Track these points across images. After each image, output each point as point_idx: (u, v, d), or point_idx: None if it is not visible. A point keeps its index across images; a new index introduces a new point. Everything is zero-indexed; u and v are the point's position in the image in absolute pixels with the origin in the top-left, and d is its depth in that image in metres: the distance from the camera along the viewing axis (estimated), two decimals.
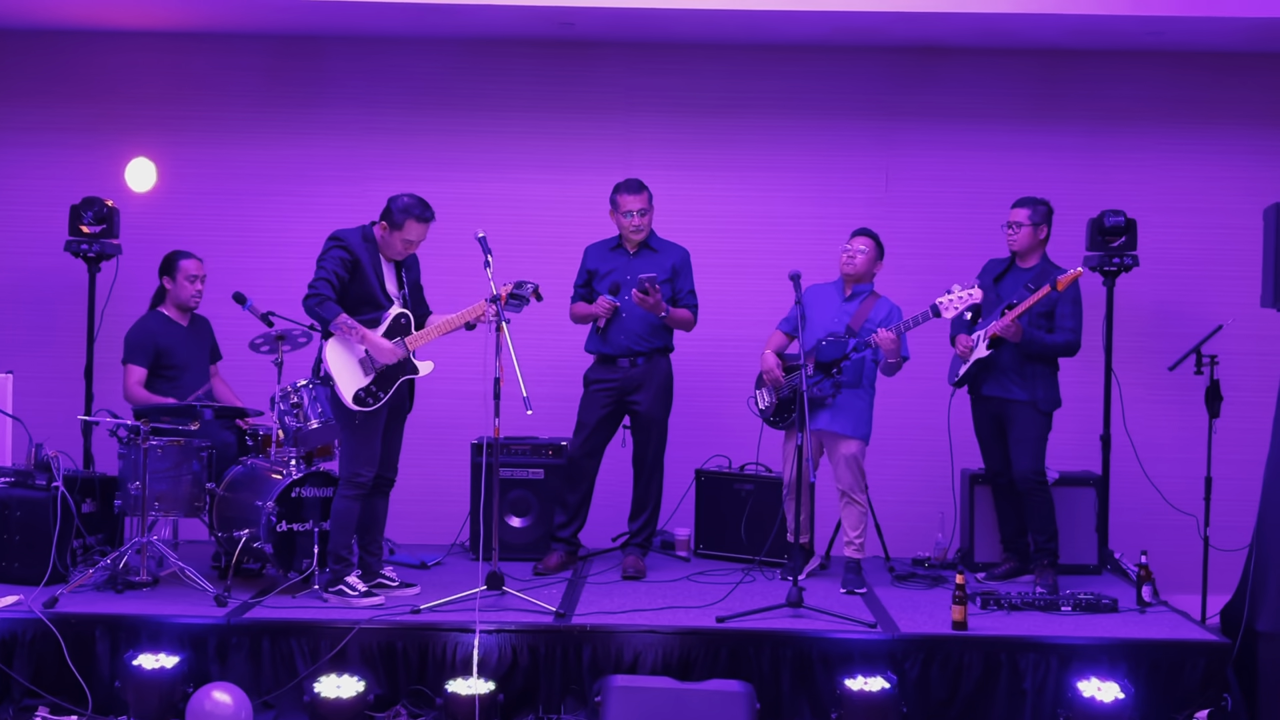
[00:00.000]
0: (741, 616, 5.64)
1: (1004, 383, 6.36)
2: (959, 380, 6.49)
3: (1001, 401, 6.38)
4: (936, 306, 6.10)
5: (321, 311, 5.68)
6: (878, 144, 7.75)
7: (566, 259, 6.83)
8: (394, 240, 5.81)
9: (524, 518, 6.92)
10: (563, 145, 7.76)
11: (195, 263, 6.72)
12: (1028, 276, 6.36)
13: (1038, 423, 6.35)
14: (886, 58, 7.71)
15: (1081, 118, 7.70)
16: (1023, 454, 6.34)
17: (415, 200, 5.79)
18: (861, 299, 6.51)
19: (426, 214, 5.80)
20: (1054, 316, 6.29)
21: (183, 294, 6.68)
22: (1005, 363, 6.33)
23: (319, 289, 5.68)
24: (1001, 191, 7.52)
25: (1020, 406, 6.34)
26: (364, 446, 5.82)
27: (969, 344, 6.40)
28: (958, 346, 6.46)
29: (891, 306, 6.50)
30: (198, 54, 7.77)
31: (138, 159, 7.74)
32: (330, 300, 5.68)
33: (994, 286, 6.46)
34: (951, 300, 6.09)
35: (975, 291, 6.09)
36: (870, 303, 6.51)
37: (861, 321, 6.43)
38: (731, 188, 7.75)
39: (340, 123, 7.79)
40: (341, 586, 5.84)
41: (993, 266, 6.59)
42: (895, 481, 7.30)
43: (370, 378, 5.77)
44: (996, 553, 6.76)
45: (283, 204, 7.75)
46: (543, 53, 7.75)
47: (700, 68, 7.76)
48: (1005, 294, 6.38)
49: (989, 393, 6.41)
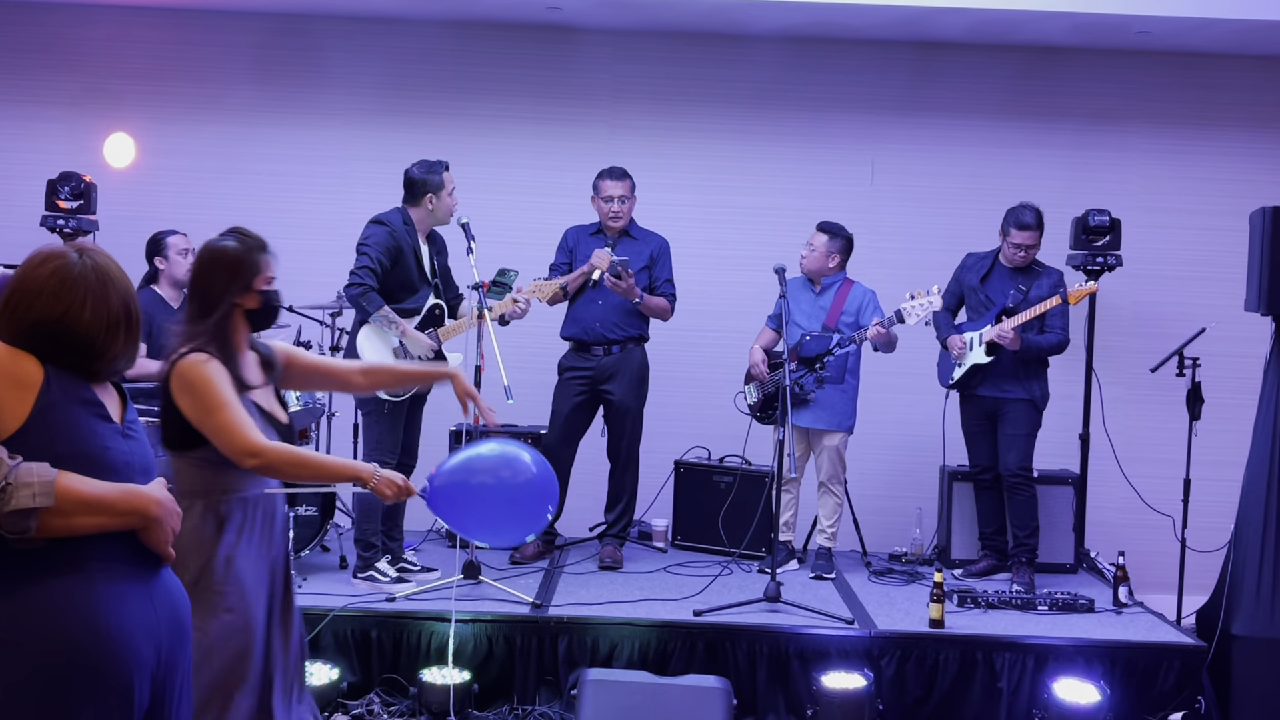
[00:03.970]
0: (719, 610, 5.61)
1: (1000, 384, 6.34)
2: (954, 383, 6.47)
3: (996, 400, 6.37)
4: (900, 313, 6.14)
5: (365, 303, 5.68)
6: (863, 137, 7.71)
7: (549, 245, 6.75)
8: (446, 202, 5.91)
9: None
10: (547, 131, 7.71)
11: (182, 237, 6.65)
12: (1018, 278, 6.33)
13: (1031, 419, 6.35)
14: (874, 51, 7.68)
15: (1068, 116, 7.68)
16: (1013, 449, 6.34)
17: (431, 160, 5.93)
18: (834, 289, 6.53)
19: (444, 162, 5.94)
20: (1044, 317, 6.28)
21: (177, 270, 6.59)
22: (1002, 366, 6.31)
23: (363, 278, 5.69)
24: (987, 188, 7.56)
25: (1015, 404, 6.33)
26: (389, 435, 5.86)
27: (962, 345, 6.37)
28: (950, 348, 6.44)
29: (865, 292, 6.51)
30: (185, 29, 7.67)
31: (116, 134, 7.66)
32: (374, 290, 5.70)
33: (980, 287, 6.43)
34: (914, 307, 6.11)
35: (934, 299, 6.10)
36: (844, 292, 6.52)
37: (837, 314, 6.45)
38: (715, 178, 7.70)
39: (326, 103, 7.72)
40: (372, 572, 5.87)
41: (975, 263, 6.54)
42: (873, 477, 7.28)
43: None
44: (973, 550, 6.74)
45: (263, 184, 7.66)
46: (529, 37, 7.68)
47: (686, 57, 7.71)
48: (995, 295, 6.36)
49: (984, 392, 6.39)
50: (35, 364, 2.55)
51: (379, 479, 3.41)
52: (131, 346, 2.69)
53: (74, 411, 2.57)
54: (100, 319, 2.61)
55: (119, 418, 2.68)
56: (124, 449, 2.65)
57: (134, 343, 2.69)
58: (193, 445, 3.33)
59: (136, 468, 2.67)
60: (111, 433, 2.63)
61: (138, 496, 2.58)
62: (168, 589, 2.71)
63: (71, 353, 2.60)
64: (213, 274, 3.43)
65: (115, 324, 2.64)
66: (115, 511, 2.54)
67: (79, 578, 2.53)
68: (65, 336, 2.58)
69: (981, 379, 6.37)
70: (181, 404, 3.31)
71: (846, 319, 6.46)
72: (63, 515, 2.45)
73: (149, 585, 2.65)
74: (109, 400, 2.69)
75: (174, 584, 2.76)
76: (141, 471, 2.68)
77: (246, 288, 3.45)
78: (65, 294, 2.58)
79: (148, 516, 2.59)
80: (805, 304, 6.54)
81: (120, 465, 2.62)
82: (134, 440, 2.70)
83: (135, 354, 2.72)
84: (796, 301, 6.52)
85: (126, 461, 2.64)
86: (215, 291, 3.41)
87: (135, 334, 2.68)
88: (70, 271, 2.60)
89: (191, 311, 3.45)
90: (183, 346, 3.37)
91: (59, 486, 2.43)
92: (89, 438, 2.58)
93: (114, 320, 2.63)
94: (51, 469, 2.43)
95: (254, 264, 3.46)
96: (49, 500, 2.41)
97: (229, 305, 3.42)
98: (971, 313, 6.47)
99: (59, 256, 2.62)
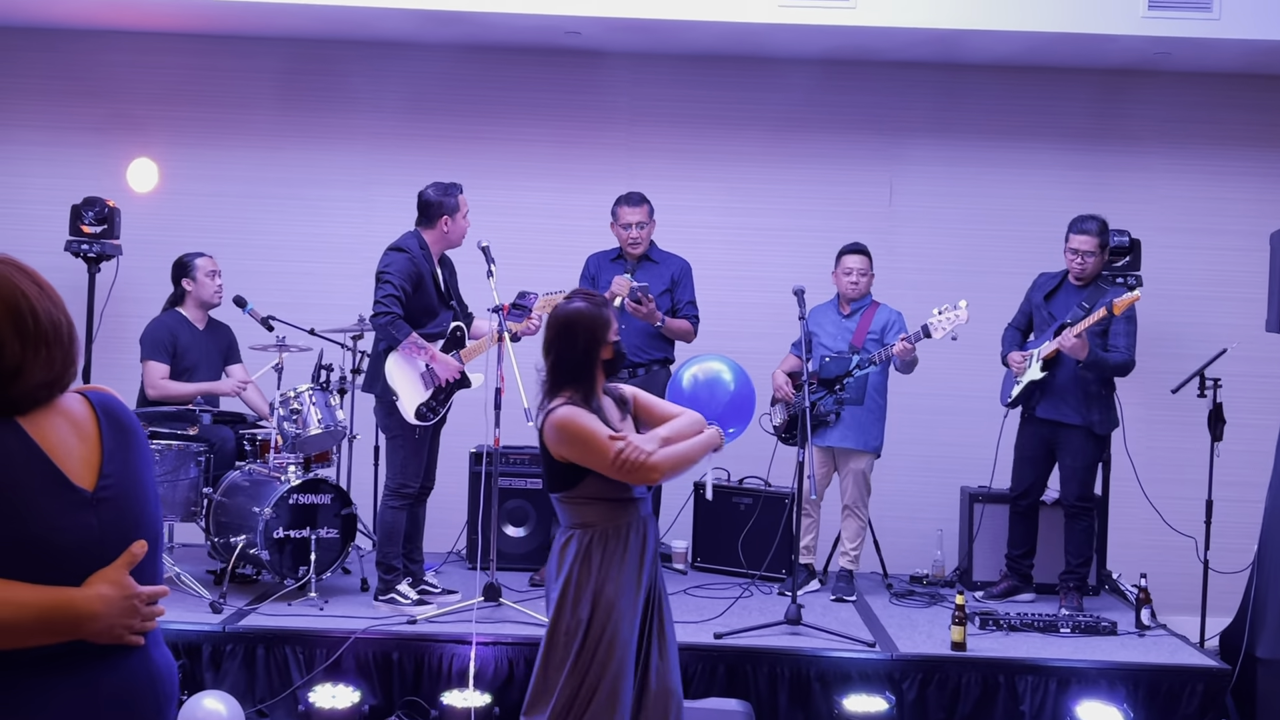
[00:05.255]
0: (740, 633, 5.59)
1: (1059, 405, 6.28)
2: (1012, 400, 6.43)
3: (1055, 426, 6.31)
4: (927, 328, 6.14)
5: (394, 331, 5.68)
6: (882, 158, 7.71)
7: (569, 268, 6.77)
8: (461, 225, 5.92)
9: (522, 527, 6.88)
10: (567, 154, 7.72)
11: (209, 259, 6.69)
12: (1081, 295, 6.27)
13: (1091, 449, 6.31)
14: (892, 72, 7.67)
15: (1088, 136, 7.66)
16: (1073, 480, 6.30)
17: (446, 182, 5.94)
18: (861, 312, 6.54)
19: (459, 185, 5.97)
20: (1109, 335, 6.20)
21: (205, 292, 6.63)
22: (1061, 384, 6.25)
23: (390, 306, 5.69)
24: (1006, 208, 7.56)
25: (1074, 432, 6.26)
26: (414, 458, 5.88)
27: (1021, 360, 6.35)
28: (1010, 364, 6.42)
29: (890, 313, 6.53)
30: (209, 55, 7.72)
31: (140, 159, 7.69)
32: (401, 318, 5.70)
33: (1045, 304, 6.40)
34: (941, 321, 6.10)
35: (961, 313, 6.09)
36: (869, 314, 6.54)
37: (864, 335, 6.45)
38: (734, 200, 7.70)
39: (346, 127, 7.75)
40: (393, 595, 5.87)
41: (1045, 281, 6.49)
42: (893, 498, 7.24)
43: (430, 392, 5.81)
44: (995, 572, 6.71)
45: (285, 207, 7.70)
46: (549, 61, 7.71)
47: (705, 80, 7.72)
48: (1058, 312, 6.31)
49: (1043, 415, 6.34)
50: None
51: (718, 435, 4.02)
52: (41, 351, 2.16)
53: (17, 483, 2.08)
54: None
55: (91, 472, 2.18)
56: (88, 524, 2.14)
57: (45, 346, 2.17)
58: (570, 485, 3.78)
59: (108, 542, 2.16)
60: (70, 506, 2.13)
61: (64, 614, 2.08)
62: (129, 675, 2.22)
63: None
64: (572, 335, 3.82)
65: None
66: (33, 634, 2.06)
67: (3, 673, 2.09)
68: None
69: (1039, 398, 6.32)
70: (564, 453, 3.73)
71: (872, 339, 6.46)
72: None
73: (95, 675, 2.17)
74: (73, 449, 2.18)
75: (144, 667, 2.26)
76: (116, 545, 2.17)
77: (604, 343, 3.84)
78: None
79: (80, 633, 2.11)
80: (831, 326, 6.56)
81: (79, 548, 2.12)
82: (107, 503, 2.18)
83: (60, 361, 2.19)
84: (822, 324, 6.55)
85: (90, 540, 2.14)
86: (578, 350, 3.81)
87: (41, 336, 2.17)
88: None
89: (551, 367, 3.85)
90: (551, 402, 3.80)
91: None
92: (33, 522, 2.08)
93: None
94: None
95: (606, 321, 3.86)
96: None
97: (593, 361, 3.81)
98: (1036, 330, 6.44)
99: None
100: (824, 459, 6.51)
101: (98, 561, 2.13)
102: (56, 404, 2.20)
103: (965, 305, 6.12)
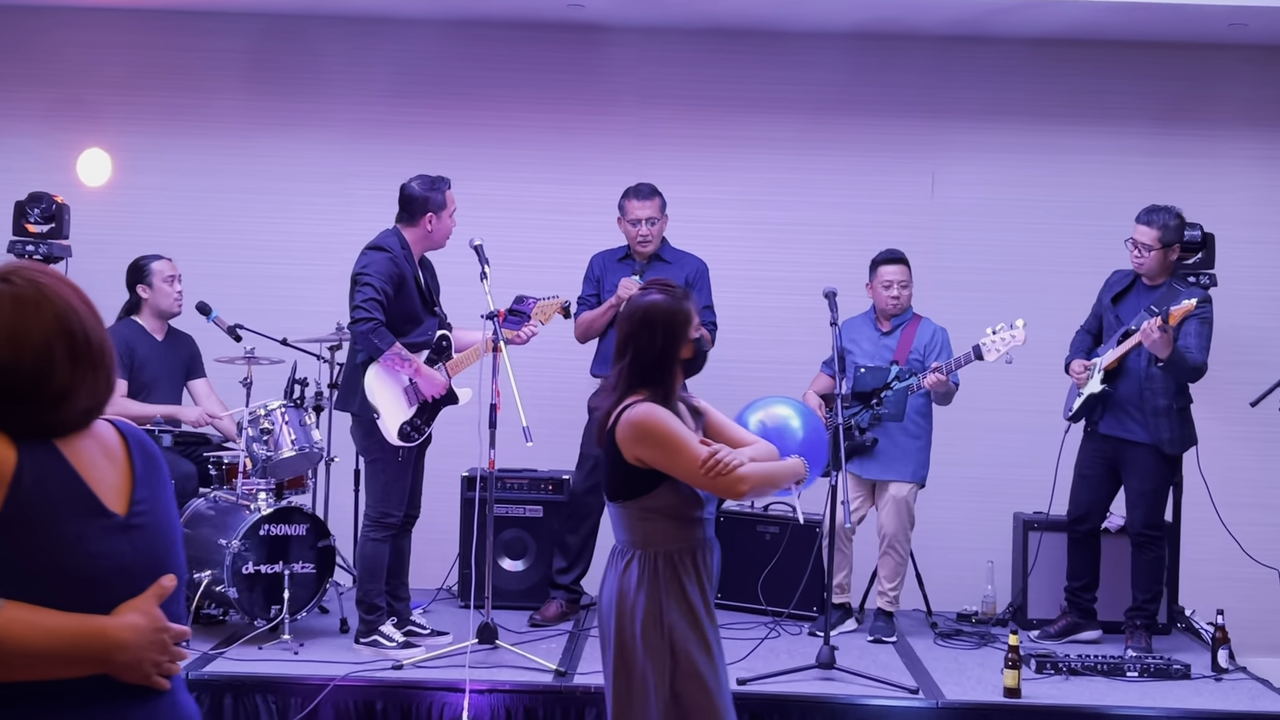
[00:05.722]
0: (767, 678, 5.55)
1: (1123, 421, 6.23)
2: (1073, 414, 6.39)
3: (1119, 443, 6.26)
4: (979, 348, 6.15)
5: (376, 340, 5.64)
6: (923, 144, 7.68)
7: (570, 269, 6.76)
8: (446, 224, 5.90)
9: (520, 560, 6.86)
10: (568, 142, 7.71)
11: (167, 263, 6.67)
12: (1151, 297, 6.22)
13: (1160, 470, 6.26)
14: (931, 47, 7.65)
15: (1155, 118, 7.63)
16: (1139, 506, 6.25)
17: (433, 176, 5.91)
18: (902, 328, 6.52)
19: (447, 179, 5.94)
20: (1179, 335, 6.07)
21: (164, 300, 6.59)
22: (1124, 397, 6.21)
23: (371, 311, 5.64)
24: (1064, 200, 7.51)
25: (1141, 450, 6.21)
26: (397, 484, 5.86)
27: (1082, 369, 6.29)
28: (1071, 373, 6.36)
29: (935, 329, 6.50)
30: (168, 33, 7.71)
31: (91, 150, 7.69)
32: (384, 325, 5.66)
33: (1112, 306, 6.36)
34: (994, 342, 6.11)
35: (1019, 333, 6.09)
36: (911, 329, 6.50)
37: (906, 352, 6.42)
38: (756, 192, 7.67)
39: (323, 114, 7.74)
40: (376, 637, 5.84)
41: (1117, 280, 6.44)
42: (938, 526, 7.17)
43: (414, 409, 5.79)
44: (1053, 608, 6.64)
45: (255, 203, 7.69)
46: (548, 38, 7.69)
47: (722, 56, 7.70)
48: (1125, 315, 6.27)
49: (1106, 431, 6.29)
50: (5, 444, 2.22)
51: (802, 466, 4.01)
52: (89, 374, 2.34)
53: (52, 511, 2.22)
54: (23, 351, 2.26)
55: (124, 498, 2.34)
56: (120, 550, 2.29)
57: (91, 369, 2.34)
58: (639, 494, 3.80)
59: (139, 571, 2.32)
60: (104, 532, 2.28)
61: (96, 643, 2.21)
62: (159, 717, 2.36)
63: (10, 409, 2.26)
64: (650, 330, 3.84)
65: (47, 353, 2.28)
66: (61, 663, 2.20)
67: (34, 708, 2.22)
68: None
69: (1102, 412, 6.27)
70: (640, 454, 3.75)
71: (915, 359, 6.41)
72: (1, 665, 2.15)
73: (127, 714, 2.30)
74: (105, 474, 2.34)
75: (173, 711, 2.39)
76: (148, 574, 2.32)
77: (684, 339, 3.86)
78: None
79: (109, 664, 2.23)
80: (868, 344, 6.53)
81: (111, 576, 2.27)
82: (140, 530, 2.34)
83: (103, 384, 2.38)
84: (857, 341, 6.54)
85: (122, 568, 2.29)
86: (656, 347, 3.83)
87: (90, 358, 2.33)
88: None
89: (628, 364, 3.86)
90: (626, 399, 3.82)
91: None
92: (69, 546, 2.23)
93: (44, 348, 2.27)
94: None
95: (687, 315, 3.88)
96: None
97: (672, 358, 3.84)
98: (1105, 335, 6.40)
99: None
100: (860, 486, 6.45)
101: (127, 591, 2.28)
102: (90, 427, 2.40)
103: (1023, 325, 6.12)
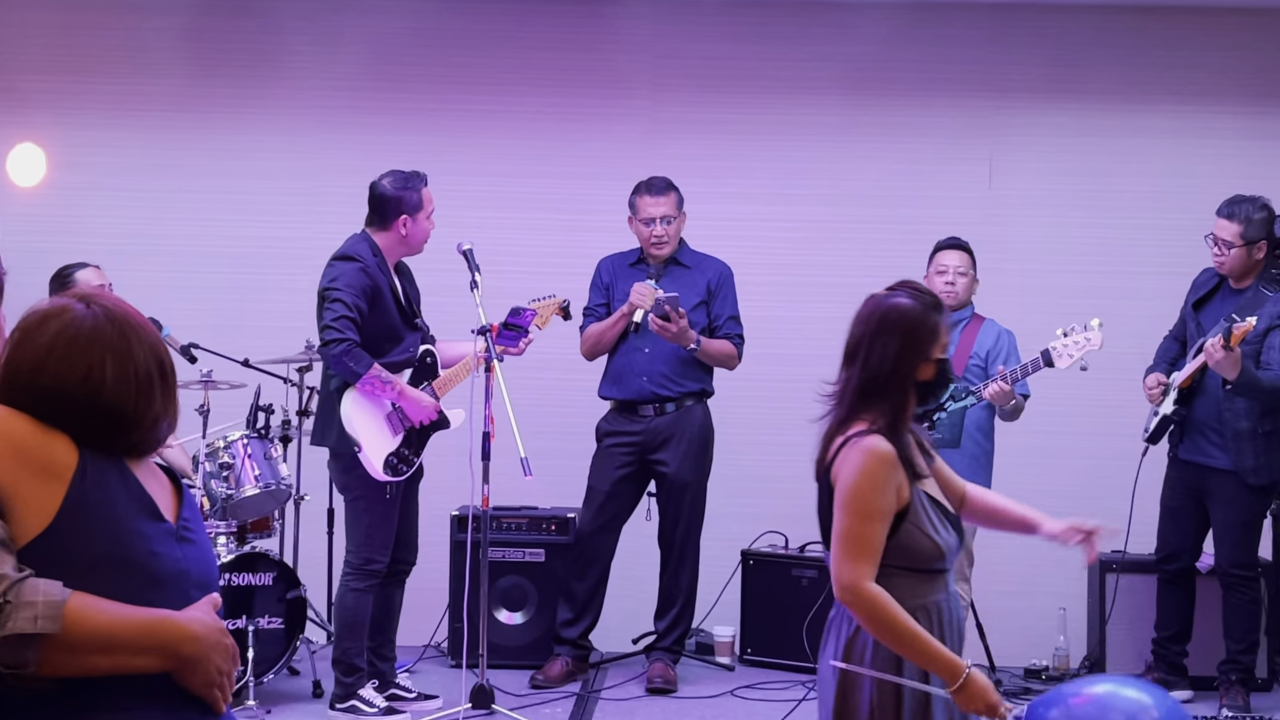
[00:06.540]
0: None
1: (1201, 445, 6.32)
2: (1149, 434, 6.45)
3: (1200, 470, 6.34)
4: (1049, 353, 6.10)
5: (351, 363, 5.67)
6: (980, 127, 7.72)
7: (575, 276, 6.82)
8: (423, 226, 5.95)
9: (519, 612, 6.91)
10: (571, 130, 7.74)
11: (94, 271, 6.62)
12: (1235, 302, 6.30)
13: (1248, 501, 6.31)
14: (989, 16, 7.69)
15: (1246, 94, 7.64)
16: (1225, 541, 6.32)
17: (407, 172, 5.95)
18: (961, 328, 6.45)
19: (423, 175, 5.97)
20: (1261, 350, 6.18)
21: None
22: (1201, 419, 6.30)
23: (344, 331, 5.67)
24: (1142, 190, 7.49)
25: (1223, 478, 6.29)
26: (382, 525, 5.88)
27: (1154, 386, 6.38)
28: (1145, 388, 6.46)
29: (1000, 331, 6.48)
30: (107, 9, 7.74)
31: (23, 145, 7.72)
32: (359, 346, 5.69)
33: (1194, 314, 6.44)
34: (1066, 346, 6.07)
35: (1094, 335, 6.05)
36: (973, 331, 6.47)
37: (964, 359, 6.38)
38: (787, 185, 7.71)
39: (287, 100, 7.76)
40: (355, 702, 5.86)
41: (1204, 281, 6.52)
42: (1001, 568, 7.18)
43: (400, 438, 5.83)
44: (1137, 661, 6.70)
45: (209, 204, 7.70)
46: (548, 11, 7.75)
47: (746, 31, 7.73)
48: (1207, 325, 6.32)
49: (1185, 456, 6.38)
50: (68, 445, 2.53)
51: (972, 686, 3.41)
52: (171, 404, 2.70)
53: (114, 505, 2.54)
54: (127, 379, 2.62)
55: (173, 514, 2.67)
56: (177, 556, 2.61)
57: (172, 399, 2.71)
58: None
59: (194, 580, 2.63)
60: (162, 535, 2.61)
61: (167, 629, 2.52)
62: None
63: (100, 426, 2.59)
64: (889, 337, 3.58)
65: (146, 381, 2.64)
66: (132, 649, 2.47)
67: None
68: (88, 408, 2.57)
69: (1180, 435, 6.36)
70: None
71: (975, 364, 6.40)
72: (70, 651, 2.39)
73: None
74: (159, 490, 2.67)
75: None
76: (199, 586, 2.64)
77: (926, 356, 3.61)
78: (79, 355, 2.58)
79: (178, 656, 2.53)
80: None
81: (171, 577, 2.58)
82: (191, 544, 2.67)
83: (176, 413, 2.74)
84: None
85: (181, 571, 2.61)
86: (889, 358, 3.57)
87: (172, 389, 2.71)
88: (80, 327, 2.60)
89: (856, 375, 3.61)
90: (858, 423, 3.54)
91: (69, 610, 2.37)
92: (132, 540, 2.55)
93: (144, 377, 2.64)
94: (63, 588, 2.39)
95: (934, 328, 3.63)
96: (53, 626, 2.35)
97: (909, 378, 3.59)
98: (1188, 345, 6.46)
99: (62, 311, 2.62)
100: None
101: (183, 598, 2.59)
102: None
103: (1099, 325, 6.06)
